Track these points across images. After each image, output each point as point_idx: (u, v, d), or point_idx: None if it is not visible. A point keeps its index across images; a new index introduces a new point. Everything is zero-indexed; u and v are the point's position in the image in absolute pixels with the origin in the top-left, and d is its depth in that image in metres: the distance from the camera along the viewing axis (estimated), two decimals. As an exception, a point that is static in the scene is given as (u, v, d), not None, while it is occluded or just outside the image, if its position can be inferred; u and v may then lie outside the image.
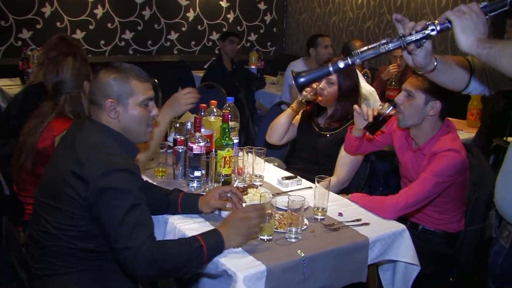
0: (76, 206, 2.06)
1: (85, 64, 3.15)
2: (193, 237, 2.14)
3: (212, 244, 2.13)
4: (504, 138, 4.26)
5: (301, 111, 3.72)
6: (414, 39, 1.86)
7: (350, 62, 1.91)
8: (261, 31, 9.05)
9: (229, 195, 2.53)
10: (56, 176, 2.13)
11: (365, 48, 1.92)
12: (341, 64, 1.93)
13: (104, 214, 2.03)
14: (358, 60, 1.90)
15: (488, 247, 2.31)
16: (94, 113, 2.25)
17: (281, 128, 3.69)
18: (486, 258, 2.68)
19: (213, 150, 2.93)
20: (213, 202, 2.51)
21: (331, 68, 1.95)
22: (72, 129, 2.27)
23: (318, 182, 2.60)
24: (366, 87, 4.72)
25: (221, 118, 3.16)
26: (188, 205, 2.54)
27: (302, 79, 1.97)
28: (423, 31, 1.85)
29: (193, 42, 8.36)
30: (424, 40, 1.86)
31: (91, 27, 7.47)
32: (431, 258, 2.95)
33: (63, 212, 2.09)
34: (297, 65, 5.97)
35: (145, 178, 2.91)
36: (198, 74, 7.04)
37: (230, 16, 8.63)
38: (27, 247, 2.26)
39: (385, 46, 1.89)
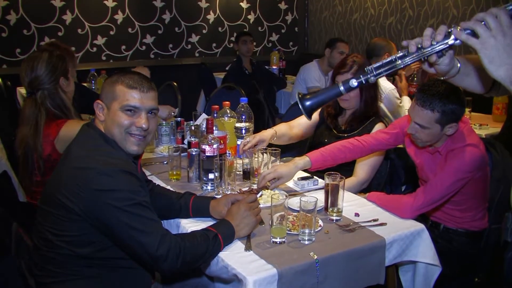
0: (71, 211, 2.04)
1: (62, 60, 3.13)
2: (206, 229, 2.22)
3: (225, 232, 2.21)
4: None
5: (320, 111, 3.65)
6: (435, 50, 1.66)
7: (363, 81, 1.73)
8: (283, 31, 9.00)
9: None
10: (53, 183, 2.13)
11: (380, 63, 1.73)
12: (354, 83, 1.74)
13: (107, 218, 2.02)
14: (372, 78, 1.72)
15: (503, 251, 2.23)
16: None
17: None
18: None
19: (227, 152, 2.89)
20: (225, 211, 2.43)
21: (342, 88, 1.77)
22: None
23: (327, 178, 2.55)
24: (385, 85, 4.65)
25: (235, 119, 3.12)
26: (200, 208, 2.52)
27: (309, 102, 1.78)
28: (445, 41, 1.64)
29: (214, 44, 8.35)
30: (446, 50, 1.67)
31: (112, 32, 7.50)
32: (454, 258, 2.87)
33: (59, 218, 2.08)
34: (312, 68, 5.92)
35: (158, 181, 2.89)
36: (220, 76, 7.04)
37: (251, 17, 8.60)
38: (32, 254, 2.25)
39: (402, 60, 1.70)
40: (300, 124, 3.65)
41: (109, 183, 2.01)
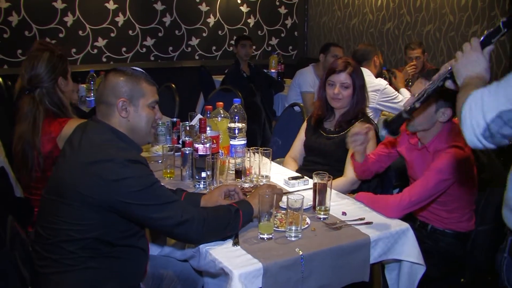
0: (91, 202, 2.11)
1: (62, 61, 3.19)
2: (229, 204, 2.39)
3: (245, 209, 2.37)
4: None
5: (308, 117, 3.76)
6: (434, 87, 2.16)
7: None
8: (282, 35, 9.08)
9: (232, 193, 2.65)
10: (65, 175, 2.16)
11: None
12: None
13: (133, 204, 2.11)
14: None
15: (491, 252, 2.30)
16: (102, 113, 2.31)
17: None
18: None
19: (219, 151, 2.96)
20: (220, 201, 2.55)
21: (405, 115, 2.39)
22: (76, 131, 2.32)
23: (316, 177, 2.61)
24: (381, 82, 4.98)
25: (228, 120, 3.18)
26: (192, 204, 2.57)
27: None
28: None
29: (214, 48, 8.43)
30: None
31: (112, 34, 7.59)
32: (441, 259, 2.91)
33: (73, 208, 2.13)
34: (307, 73, 5.96)
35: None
36: (219, 79, 7.08)
37: (251, 21, 8.68)
38: (33, 244, 2.30)
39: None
40: (297, 148, 3.76)
41: (125, 172, 2.10)
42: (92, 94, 5.16)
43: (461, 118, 1.60)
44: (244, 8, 8.58)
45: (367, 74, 4.62)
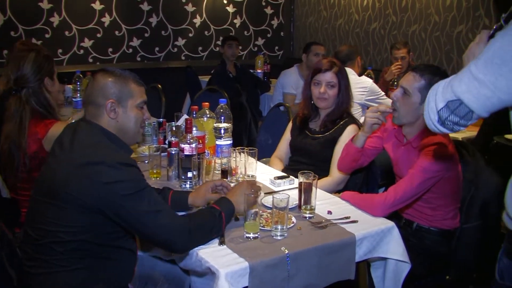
0: (81, 205, 2.10)
1: (48, 61, 3.21)
2: (211, 206, 2.37)
3: (227, 210, 2.37)
4: (505, 136, 4.24)
5: (293, 117, 3.79)
6: None
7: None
8: (269, 35, 9.09)
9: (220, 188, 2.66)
10: (56, 176, 2.16)
11: None
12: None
13: (121, 206, 2.11)
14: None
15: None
16: (91, 114, 2.31)
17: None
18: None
19: (205, 151, 2.96)
20: (208, 195, 2.59)
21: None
22: (66, 131, 2.31)
23: (301, 177, 2.63)
24: (366, 79, 5.08)
25: (214, 120, 3.19)
26: (178, 202, 2.60)
27: None
28: None
29: (200, 48, 8.43)
30: None
31: (99, 35, 7.56)
32: (426, 256, 2.94)
33: (64, 209, 2.13)
34: (291, 73, 5.99)
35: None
36: (205, 79, 7.08)
37: (237, 21, 8.68)
38: (22, 245, 2.30)
39: None
40: (283, 148, 3.77)
41: (117, 174, 2.10)
42: (78, 95, 5.14)
43: (425, 104, 1.75)
44: (230, 9, 8.58)
45: (352, 73, 4.67)
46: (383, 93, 5.10)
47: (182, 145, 2.93)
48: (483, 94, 1.58)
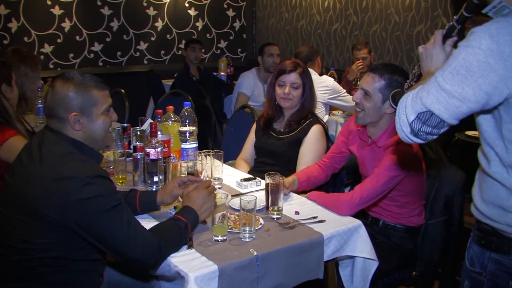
0: (51, 221, 2.04)
1: (6, 67, 3.17)
2: (175, 218, 2.31)
3: (192, 220, 2.33)
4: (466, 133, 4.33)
5: (257, 118, 3.81)
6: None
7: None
8: (231, 37, 9.09)
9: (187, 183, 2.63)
10: (25, 191, 2.09)
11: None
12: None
13: (94, 223, 2.04)
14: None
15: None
16: (54, 125, 2.21)
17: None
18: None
19: (171, 155, 2.95)
20: (176, 191, 2.57)
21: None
22: (34, 140, 2.23)
23: (268, 178, 2.64)
24: (327, 79, 5.15)
25: (178, 123, 3.18)
26: (146, 202, 2.58)
27: None
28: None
29: (162, 52, 8.38)
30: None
31: (59, 40, 7.45)
32: (393, 253, 2.98)
33: (33, 226, 2.06)
34: (249, 75, 6.00)
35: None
36: (168, 83, 7.05)
37: (199, 24, 8.66)
38: None
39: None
40: (248, 150, 3.79)
41: (90, 190, 2.02)
42: (39, 102, 5.07)
43: (395, 117, 1.79)
44: (192, 12, 8.56)
45: (313, 74, 4.72)
46: (344, 90, 5.17)
47: (148, 150, 2.92)
48: (452, 104, 1.64)
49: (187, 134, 3.20)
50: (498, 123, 1.75)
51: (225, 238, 2.34)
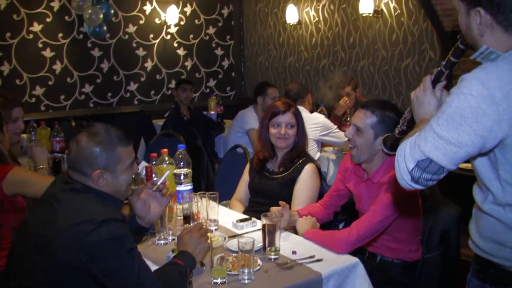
0: (67, 264, 2.03)
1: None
2: (175, 262, 2.30)
3: (190, 264, 2.33)
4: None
5: (250, 159, 3.84)
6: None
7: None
8: (220, 76, 9.17)
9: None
10: (45, 234, 2.07)
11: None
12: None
13: (108, 267, 2.04)
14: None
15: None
16: (76, 177, 2.21)
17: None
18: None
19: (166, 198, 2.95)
20: (142, 195, 2.53)
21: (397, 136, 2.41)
22: (53, 188, 2.23)
23: (264, 219, 2.66)
24: (318, 115, 5.20)
25: (173, 166, 3.20)
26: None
27: None
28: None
29: (152, 92, 8.44)
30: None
31: (50, 82, 7.51)
32: (390, 288, 2.98)
33: (51, 268, 2.05)
34: (248, 112, 5.93)
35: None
36: (159, 123, 7.06)
37: (188, 64, 8.74)
38: None
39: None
40: (242, 190, 3.79)
41: (106, 233, 2.02)
42: (33, 145, 5.08)
43: (395, 165, 1.83)
44: (181, 52, 8.64)
45: (304, 111, 4.74)
46: (335, 126, 5.20)
47: (143, 193, 2.92)
48: (450, 150, 1.69)
49: (182, 177, 3.21)
50: (494, 164, 1.80)
51: (224, 280, 2.34)
